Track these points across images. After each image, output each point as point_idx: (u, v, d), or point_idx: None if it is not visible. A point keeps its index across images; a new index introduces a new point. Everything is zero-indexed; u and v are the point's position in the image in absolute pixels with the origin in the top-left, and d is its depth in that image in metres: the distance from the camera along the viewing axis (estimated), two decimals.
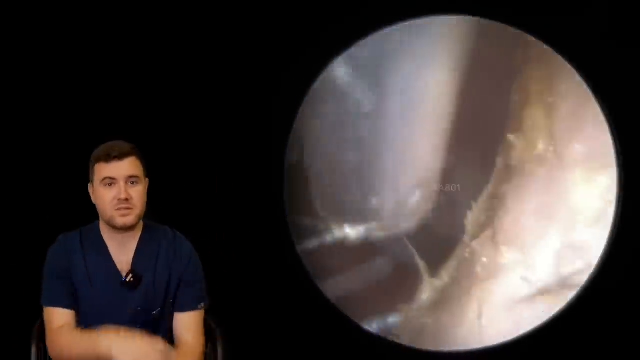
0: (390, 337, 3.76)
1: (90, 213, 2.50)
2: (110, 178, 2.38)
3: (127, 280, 2.43)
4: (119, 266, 2.45)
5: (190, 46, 3.66)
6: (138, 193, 2.41)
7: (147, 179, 2.48)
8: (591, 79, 3.63)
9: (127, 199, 2.38)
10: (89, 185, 2.47)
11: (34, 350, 2.50)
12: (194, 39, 3.66)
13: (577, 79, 3.64)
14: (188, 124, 3.69)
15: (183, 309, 2.50)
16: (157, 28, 3.62)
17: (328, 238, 3.80)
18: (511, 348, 3.70)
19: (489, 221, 3.74)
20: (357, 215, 3.79)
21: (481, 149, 3.74)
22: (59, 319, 2.41)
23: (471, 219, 3.75)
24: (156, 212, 2.57)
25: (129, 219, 2.40)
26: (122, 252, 2.46)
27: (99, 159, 2.41)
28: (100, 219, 2.48)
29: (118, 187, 2.38)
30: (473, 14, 3.67)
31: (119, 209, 2.38)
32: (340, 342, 3.77)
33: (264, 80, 3.69)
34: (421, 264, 3.76)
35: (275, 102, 3.71)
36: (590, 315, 3.67)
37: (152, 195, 2.50)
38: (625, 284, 3.65)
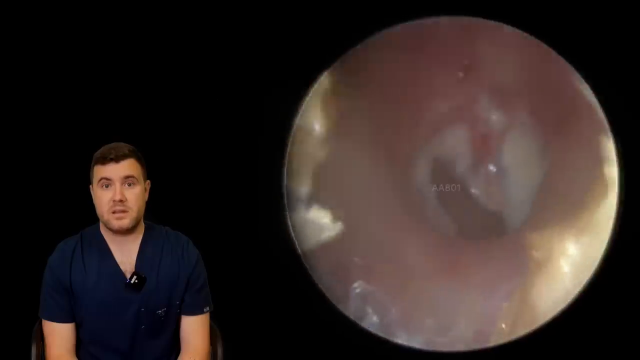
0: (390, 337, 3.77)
1: (91, 214, 2.49)
2: (106, 179, 2.38)
3: (132, 282, 2.42)
4: (122, 267, 2.44)
5: (189, 47, 3.66)
6: (134, 195, 2.39)
7: (148, 181, 2.48)
8: (591, 79, 3.63)
9: (121, 200, 2.37)
10: (90, 186, 2.46)
11: (34, 350, 2.50)
12: (194, 41, 3.66)
13: (577, 79, 3.64)
14: (188, 124, 3.69)
15: (191, 312, 2.51)
16: (157, 30, 3.63)
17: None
18: (511, 348, 3.70)
19: None
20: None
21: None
22: (53, 334, 2.43)
23: None
24: (156, 213, 2.57)
25: (124, 222, 2.39)
26: (125, 254, 2.45)
27: (97, 162, 2.40)
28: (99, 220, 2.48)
29: (113, 189, 2.37)
30: (473, 14, 3.67)
31: (114, 212, 2.38)
32: (340, 342, 3.77)
33: (264, 81, 3.69)
34: None
35: (276, 102, 3.71)
36: (590, 316, 3.67)
37: (152, 196, 2.50)
38: (625, 284, 3.65)
